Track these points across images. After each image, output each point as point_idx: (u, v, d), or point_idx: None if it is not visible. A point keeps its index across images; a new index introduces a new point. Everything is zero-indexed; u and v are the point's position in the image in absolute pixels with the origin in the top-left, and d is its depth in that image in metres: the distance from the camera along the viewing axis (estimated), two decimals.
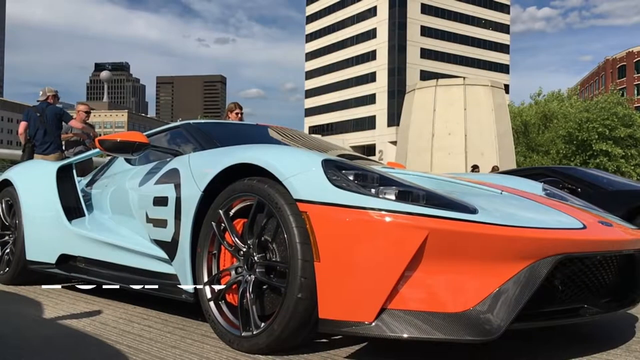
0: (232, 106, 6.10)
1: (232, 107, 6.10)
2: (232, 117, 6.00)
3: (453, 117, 17.87)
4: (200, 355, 1.95)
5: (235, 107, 6.08)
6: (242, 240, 2.13)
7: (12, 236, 3.55)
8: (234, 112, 6.03)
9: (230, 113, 6.06)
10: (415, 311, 1.77)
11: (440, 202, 1.84)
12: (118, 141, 2.72)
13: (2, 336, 2.16)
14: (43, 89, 7.03)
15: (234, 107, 6.08)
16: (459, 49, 74.79)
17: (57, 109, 6.93)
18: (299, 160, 2.02)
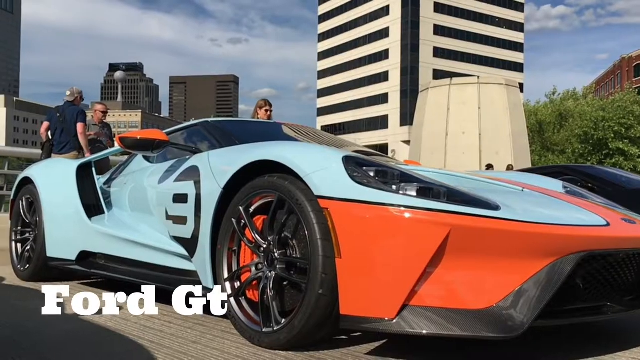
0: (262, 103, 5.93)
1: (261, 104, 5.92)
2: (260, 114, 5.83)
3: (467, 116, 17.77)
4: (221, 351, 1.97)
5: (265, 104, 5.91)
6: (263, 236, 2.14)
7: (33, 233, 3.59)
8: (263, 109, 5.86)
9: (259, 110, 5.88)
10: (436, 308, 1.76)
11: (462, 198, 1.83)
12: (138, 139, 2.74)
13: (26, 331, 2.19)
14: (71, 89, 7.05)
15: (263, 104, 5.91)
16: (473, 48, 74.38)
17: (75, 110, 6.98)
18: (320, 156, 2.02)
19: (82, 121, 6.88)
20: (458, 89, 18.31)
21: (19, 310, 2.62)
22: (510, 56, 77.80)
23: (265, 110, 5.86)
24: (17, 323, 2.33)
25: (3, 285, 3.38)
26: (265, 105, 5.89)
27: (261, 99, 6.05)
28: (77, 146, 6.88)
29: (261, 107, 5.88)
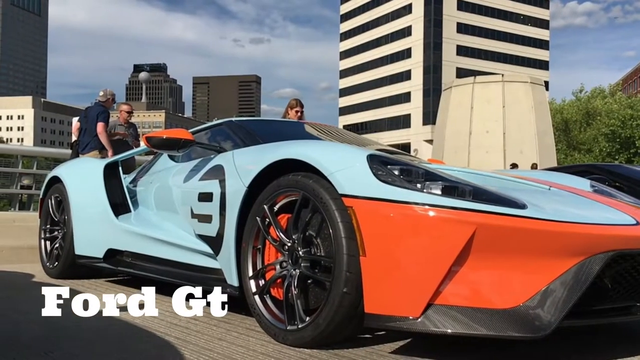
0: (293, 103, 5.77)
1: (292, 104, 5.76)
2: (291, 115, 5.68)
3: (491, 115, 17.56)
4: (246, 348, 1.99)
5: (296, 104, 5.75)
6: (287, 235, 2.15)
7: (61, 231, 3.67)
8: (294, 110, 5.70)
9: (290, 110, 5.73)
10: (461, 307, 1.75)
11: (488, 197, 1.82)
12: (164, 138, 2.78)
13: (59, 327, 2.24)
14: (104, 90, 7.16)
15: (295, 104, 5.75)
16: (497, 46, 73.54)
17: (98, 110, 7.08)
18: (344, 155, 2.03)
19: (102, 121, 6.92)
20: (482, 88, 18.11)
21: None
22: (535, 54, 76.72)
23: (296, 111, 5.74)
24: (49, 320, 2.38)
25: (32, 283, 3.46)
26: (297, 105, 5.76)
27: (292, 98, 5.92)
28: (98, 146, 6.93)
29: (292, 108, 5.75)
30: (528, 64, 75.06)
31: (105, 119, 7.01)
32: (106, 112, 7.09)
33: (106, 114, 7.08)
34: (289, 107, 5.76)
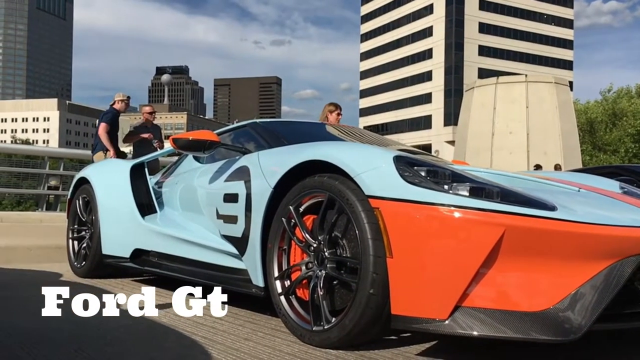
0: (333, 107, 5.70)
1: (332, 108, 5.69)
2: (331, 119, 5.58)
3: (514, 116, 17.37)
4: (273, 348, 2.00)
5: (335, 107, 5.71)
6: (313, 236, 2.16)
7: (89, 231, 3.72)
8: (334, 113, 5.63)
9: (330, 114, 5.64)
10: (488, 309, 1.74)
11: (517, 198, 1.80)
12: (190, 139, 2.81)
13: (88, 325, 2.27)
14: (117, 94, 7.31)
15: (334, 108, 5.69)
16: (520, 46, 72.70)
17: (104, 112, 7.24)
18: (370, 156, 2.02)
19: (104, 121, 7.02)
20: (505, 88, 17.92)
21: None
22: (559, 53, 75.66)
23: (337, 114, 5.65)
24: (78, 318, 2.42)
25: (61, 282, 3.52)
26: (336, 109, 5.69)
27: (330, 102, 5.81)
28: (104, 147, 7.02)
29: (332, 112, 5.67)
30: (552, 64, 74.05)
31: (108, 120, 7.06)
32: (110, 113, 7.13)
33: (110, 114, 7.13)
34: (328, 111, 5.65)
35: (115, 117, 7.17)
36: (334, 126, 3.71)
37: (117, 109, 7.20)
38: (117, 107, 7.20)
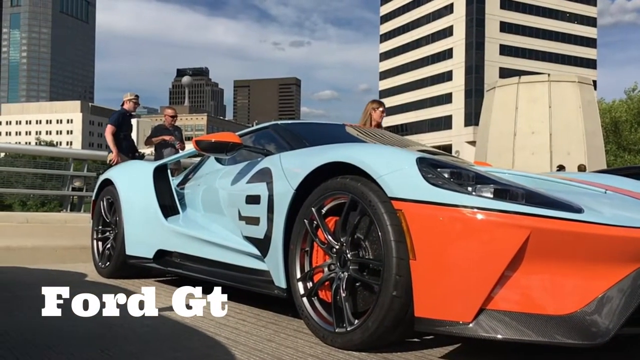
0: (376, 104, 5.42)
1: (375, 105, 5.40)
2: (375, 116, 5.32)
3: (537, 115, 17.15)
4: (295, 349, 2.00)
5: (379, 104, 5.44)
6: (335, 237, 2.16)
7: (113, 232, 3.77)
8: (378, 110, 5.34)
9: (374, 112, 5.34)
10: (513, 312, 1.72)
11: (542, 200, 1.78)
12: (213, 141, 2.83)
13: (112, 325, 2.30)
14: (126, 94, 7.38)
15: (377, 105, 5.42)
16: (542, 45, 71.81)
17: (112, 114, 7.34)
18: (393, 158, 2.02)
19: (110, 123, 7.14)
20: (527, 88, 17.70)
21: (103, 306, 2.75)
22: (582, 52, 74.53)
23: (381, 112, 5.38)
24: (102, 319, 2.45)
25: (86, 282, 3.57)
26: (380, 106, 5.44)
27: (372, 100, 5.56)
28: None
29: (375, 109, 5.37)
30: (575, 62, 73.00)
31: (113, 121, 7.13)
32: (117, 114, 7.21)
33: (116, 115, 7.20)
34: (372, 109, 5.38)
35: (122, 118, 7.18)
36: (354, 127, 3.70)
37: (127, 109, 7.23)
38: (127, 107, 7.23)
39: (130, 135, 7.45)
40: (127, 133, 7.26)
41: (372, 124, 5.31)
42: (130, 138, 7.44)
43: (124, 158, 6.97)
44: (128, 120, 7.28)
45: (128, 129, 7.31)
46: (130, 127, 7.40)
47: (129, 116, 7.29)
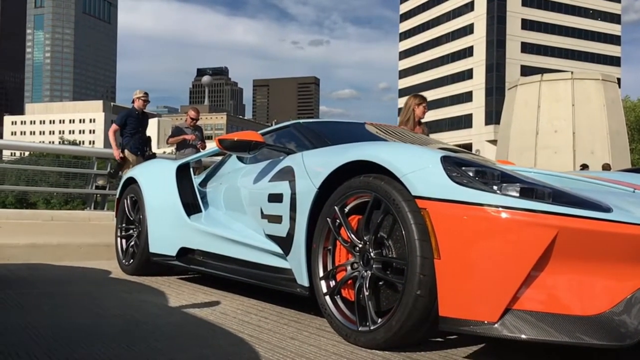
0: (419, 100, 5.19)
1: (418, 100, 5.18)
2: (418, 112, 5.14)
3: (560, 114, 16.91)
4: (318, 347, 2.00)
5: (422, 100, 5.22)
6: (358, 236, 2.15)
7: (137, 230, 3.82)
8: (421, 106, 5.15)
9: (417, 107, 5.14)
10: (539, 312, 1.70)
11: (570, 199, 1.75)
12: (236, 140, 2.85)
13: (136, 322, 2.33)
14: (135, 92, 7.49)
15: (420, 100, 5.19)
16: (564, 42, 70.81)
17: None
18: (417, 156, 2.01)
19: (114, 122, 7.41)
20: (549, 86, 17.45)
21: (127, 303, 2.79)
22: (606, 49, 73.30)
23: (423, 107, 5.19)
24: (127, 314, 2.49)
25: (110, 279, 3.62)
26: (423, 101, 5.22)
27: (413, 94, 5.32)
28: (124, 145, 7.25)
29: (419, 104, 5.17)
30: (598, 60, 71.84)
31: (117, 120, 7.32)
32: (123, 113, 7.36)
33: (120, 115, 7.38)
34: (415, 104, 5.15)
35: (128, 117, 7.25)
36: (375, 126, 3.69)
37: (136, 107, 7.30)
38: (136, 105, 7.31)
39: (144, 133, 7.42)
40: (137, 130, 7.26)
41: (414, 120, 5.10)
42: (144, 136, 7.41)
43: (130, 155, 7.11)
44: (137, 118, 7.27)
45: (138, 126, 7.29)
46: (141, 124, 7.35)
47: (139, 114, 7.30)
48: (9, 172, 10.91)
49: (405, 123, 5.10)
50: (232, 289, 3.25)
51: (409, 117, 5.14)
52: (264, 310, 2.69)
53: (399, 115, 5.29)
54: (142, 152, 7.26)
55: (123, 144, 7.28)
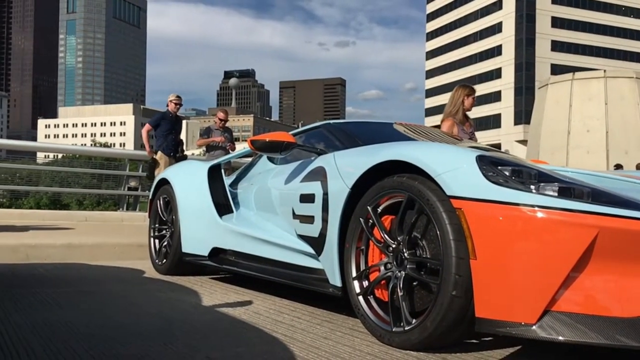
0: (469, 90, 4.88)
1: (468, 91, 4.87)
2: (468, 103, 4.83)
3: (592, 113, 16.54)
4: (352, 347, 2.00)
5: (472, 90, 4.90)
6: (391, 236, 2.15)
7: (169, 230, 3.87)
8: (470, 97, 4.84)
9: (467, 98, 4.82)
10: (577, 314, 1.67)
11: (610, 199, 1.72)
12: (267, 141, 2.86)
13: (173, 320, 2.37)
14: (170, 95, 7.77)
15: (470, 91, 4.88)
16: (596, 40, 69.33)
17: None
18: (451, 156, 1.99)
19: (148, 122, 7.71)
20: (581, 84, 17.10)
21: (162, 301, 2.84)
22: (639, 47, 71.45)
23: (473, 98, 4.87)
24: (162, 313, 2.53)
25: (144, 278, 3.68)
26: (473, 92, 4.90)
27: (461, 84, 5.04)
28: (157, 147, 7.50)
29: (469, 95, 4.83)
30: (631, 58, 70.12)
31: (150, 121, 7.65)
32: (157, 115, 7.65)
33: (155, 116, 7.66)
34: (465, 94, 4.83)
35: (162, 118, 7.54)
36: (404, 126, 3.67)
37: (169, 110, 7.56)
38: (169, 108, 7.57)
39: (177, 135, 7.67)
40: (169, 132, 7.51)
41: (464, 112, 4.82)
42: (177, 138, 7.67)
43: (162, 157, 7.37)
44: (170, 121, 7.54)
45: (171, 128, 7.54)
46: (174, 126, 7.60)
47: (172, 116, 7.57)
48: (44, 174, 11.19)
49: (454, 115, 4.78)
50: (264, 289, 3.28)
51: (458, 108, 4.81)
52: (296, 310, 2.70)
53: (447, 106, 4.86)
54: (174, 154, 7.46)
55: (156, 145, 7.51)
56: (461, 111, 4.80)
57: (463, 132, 4.74)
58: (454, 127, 4.73)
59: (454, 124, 4.75)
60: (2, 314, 2.40)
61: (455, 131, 4.68)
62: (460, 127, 4.77)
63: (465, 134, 4.74)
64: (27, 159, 12.06)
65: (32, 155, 12.87)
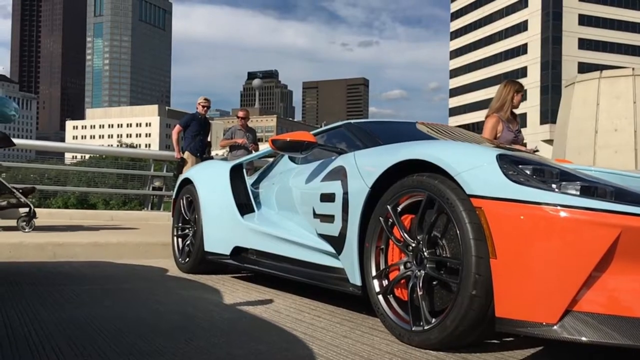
0: (519, 86, 4.55)
1: (518, 87, 4.53)
2: (517, 100, 4.51)
3: (620, 112, 16.16)
4: (371, 346, 2.01)
5: (520, 87, 4.56)
6: (411, 235, 2.14)
7: (192, 229, 3.92)
8: (520, 94, 4.52)
9: (516, 94, 4.48)
10: (600, 314, 1.65)
11: (633, 198, 1.69)
12: (288, 141, 2.88)
13: (195, 318, 2.40)
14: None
15: (519, 87, 4.55)
16: (624, 37, 67.87)
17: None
18: (472, 155, 1.98)
19: (178, 123, 7.85)
20: (609, 82, 16.75)
21: (185, 299, 2.88)
22: None
23: (521, 95, 4.56)
24: (185, 310, 2.57)
25: (168, 277, 3.73)
26: (522, 88, 4.59)
27: (509, 80, 4.68)
28: (186, 147, 7.69)
29: (519, 92, 4.51)
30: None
31: (181, 122, 7.80)
32: (187, 116, 7.84)
33: (185, 117, 7.84)
34: (515, 91, 4.50)
35: (192, 120, 7.73)
36: (427, 125, 3.65)
37: (198, 112, 7.78)
38: (198, 109, 7.79)
39: (205, 137, 7.89)
40: (198, 133, 7.73)
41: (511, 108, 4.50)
42: (205, 139, 7.89)
43: (190, 157, 7.56)
44: (199, 122, 7.75)
45: (200, 130, 7.76)
46: (203, 127, 7.83)
47: (200, 118, 7.78)
48: (71, 174, 11.42)
49: (498, 110, 4.46)
50: (284, 288, 3.30)
51: (504, 104, 4.46)
52: (316, 309, 2.71)
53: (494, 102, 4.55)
54: (201, 155, 7.67)
55: (185, 145, 7.72)
56: (509, 107, 4.49)
57: (508, 130, 4.37)
58: (499, 125, 4.35)
59: (499, 121, 4.36)
60: (29, 310, 2.46)
61: (500, 129, 4.34)
62: (506, 125, 4.38)
63: (511, 132, 4.38)
64: (56, 159, 12.32)
65: (60, 155, 13.15)
